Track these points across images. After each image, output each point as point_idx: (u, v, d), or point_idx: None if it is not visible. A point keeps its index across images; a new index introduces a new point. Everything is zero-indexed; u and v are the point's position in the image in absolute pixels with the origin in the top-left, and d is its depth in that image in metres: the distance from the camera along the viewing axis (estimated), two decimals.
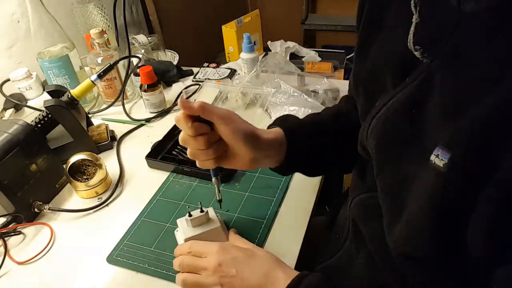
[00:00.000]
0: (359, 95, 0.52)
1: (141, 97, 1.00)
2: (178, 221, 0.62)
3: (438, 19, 0.37)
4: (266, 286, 0.50)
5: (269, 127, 0.62)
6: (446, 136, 0.34)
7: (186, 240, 0.59)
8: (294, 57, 1.33)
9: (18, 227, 0.70)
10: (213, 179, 0.59)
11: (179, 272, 0.56)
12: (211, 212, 0.63)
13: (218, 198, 0.61)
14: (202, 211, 0.60)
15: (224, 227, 0.63)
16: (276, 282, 0.50)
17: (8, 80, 1.05)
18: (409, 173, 0.38)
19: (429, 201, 0.35)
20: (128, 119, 0.98)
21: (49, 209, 0.71)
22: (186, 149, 0.85)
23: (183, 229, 0.61)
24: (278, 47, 1.32)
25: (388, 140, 0.43)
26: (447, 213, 0.34)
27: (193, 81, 1.12)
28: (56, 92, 0.85)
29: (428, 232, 0.36)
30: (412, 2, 0.37)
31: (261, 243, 0.62)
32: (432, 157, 0.34)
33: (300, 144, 0.59)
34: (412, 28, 0.38)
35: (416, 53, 0.38)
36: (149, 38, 1.22)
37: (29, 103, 1.05)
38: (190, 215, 0.60)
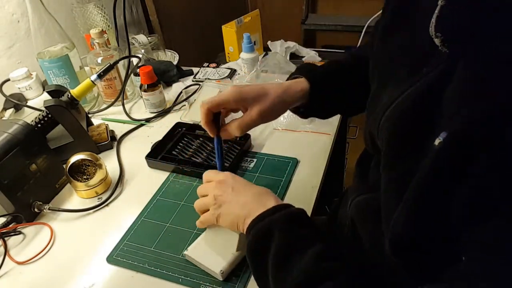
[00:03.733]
0: (374, 78, 0.51)
1: (141, 97, 1.00)
2: None
3: (463, 4, 0.35)
4: (255, 204, 0.51)
5: (293, 76, 0.64)
6: (452, 122, 0.33)
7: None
8: (294, 57, 1.33)
9: (18, 227, 0.70)
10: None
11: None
12: None
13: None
14: None
15: None
16: (266, 203, 0.51)
17: (8, 80, 1.05)
18: (416, 164, 0.37)
19: (421, 182, 0.35)
20: (128, 119, 0.98)
21: (49, 209, 0.71)
22: (186, 149, 0.85)
23: None
24: (278, 47, 1.32)
25: (403, 132, 0.41)
26: (433, 196, 0.34)
27: (193, 81, 1.12)
28: (56, 92, 0.85)
29: (420, 216, 0.36)
30: None
31: None
32: (436, 141, 0.34)
33: (323, 94, 0.62)
34: (436, 12, 0.36)
35: (436, 40, 0.36)
36: (149, 38, 1.22)
37: (29, 103, 1.05)
38: None
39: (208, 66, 1.19)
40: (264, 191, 0.54)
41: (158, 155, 0.82)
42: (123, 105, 1.01)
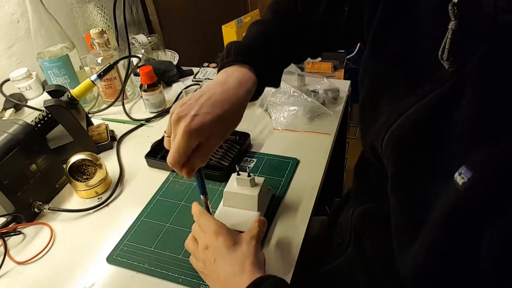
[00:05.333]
0: (364, 84, 0.51)
1: (141, 97, 1.00)
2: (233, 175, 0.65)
3: (472, 27, 0.34)
4: (230, 284, 0.50)
5: (231, 63, 0.57)
6: (474, 155, 0.32)
7: (225, 192, 0.64)
8: None
9: (18, 227, 0.70)
10: (202, 197, 0.59)
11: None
12: (258, 179, 0.64)
13: None
14: (249, 175, 0.62)
15: (265, 199, 0.66)
16: (237, 286, 0.49)
17: (8, 80, 1.06)
18: (431, 190, 0.36)
19: (444, 218, 0.34)
20: (128, 119, 0.98)
21: (49, 209, 0.71)
22: None
23: (230, 182, 0.65)
24: None
25: (411, 153, 0.40)
26: (460, 232, 0.33)
27: (193, 81, 1.12)
28: (56, 92, 0.85)
29: (443, 249, 0.35)
30: (450, 6, 0.34)
31: (261, 243, 0.62)
32: (456, 175, 0.32)
33: (267, 76, 0.59)
34: (449, 35, 0.35)
35: (445, 62, 0.36)
36: (149, 38, 1.22)
37: (29, 103, 1.05)
38: (238, 174, 0.63)
39: (208, 66, 1.19)
40: (239, 269, 0.50)
41: (157, 154, 0.82)
42: (123, 105, 1.01)
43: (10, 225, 0.69)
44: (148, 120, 0.97)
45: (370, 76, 0.50)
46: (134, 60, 1.06)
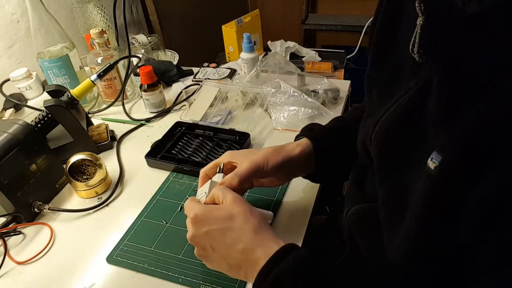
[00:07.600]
0: (372, 97, 0.51)
1: (141, 97, 1.00)
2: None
3: (442, 20, 0.36)
4: (245, 265, 0.47)
5: (297, 137, 0.66)
6: (441, 140, 0.33)
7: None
8: (294, 57, 1.33)
9: (18, 227, 0.70)
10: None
11: None
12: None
13: None
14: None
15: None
16: (255, 264, 0.45)
17: (8, 80, 1.06)
18: (410, 182, 0.37)
19: (420, 205, 0.35)
20: (128, 119, 0.98)
21: (49, 209, 0.71)
22: (185, 148, 0.85)
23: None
24: (278, 47, 1.32)
25: (391, 147, 0.42)
26: (437, 216, 0.34)
27: (193, 81, 1.12)
28: (56, 92, 0.85)
29: (421, 236, 0.36)
30: (416, 3, 0.36)
31: None
32: (428, 160, 0.33)
33: (327, 152, 0.63)
34: (418, 30, 0.37)
35: (415, 55, 0.38)
36: (149, 38, 1.22)
37: (29, 103, 1.05)
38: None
39: (208, 66, 1.19)
40: (248, 244, 0.47)
41: (157, 154, 0.82)
42: (123, 105, 1.01)
43: (10, 225, 0.69)
44: (148, 120, 0.97)
45: (373, 89, 0.51)
46: (134, 60, 1.06)
